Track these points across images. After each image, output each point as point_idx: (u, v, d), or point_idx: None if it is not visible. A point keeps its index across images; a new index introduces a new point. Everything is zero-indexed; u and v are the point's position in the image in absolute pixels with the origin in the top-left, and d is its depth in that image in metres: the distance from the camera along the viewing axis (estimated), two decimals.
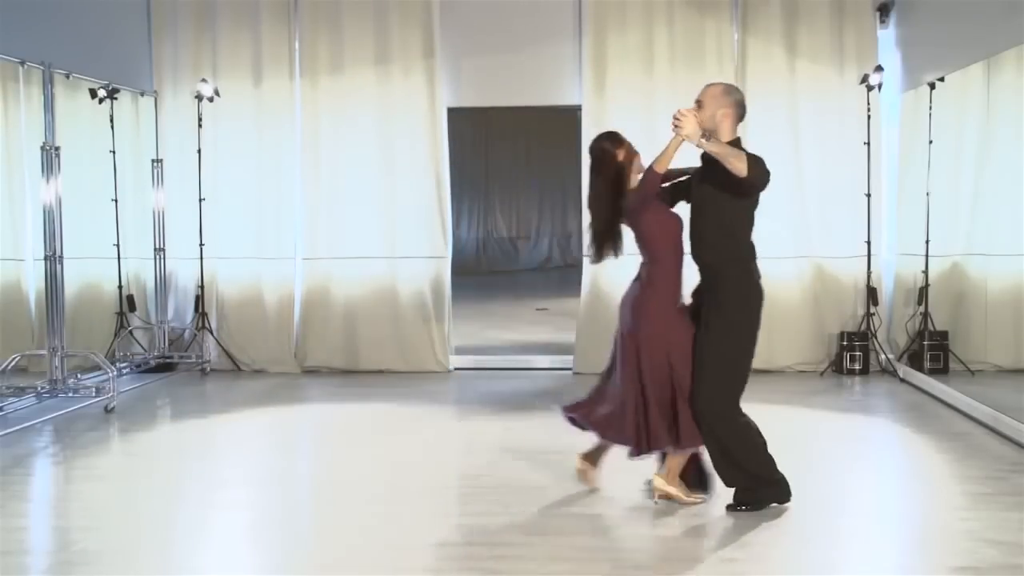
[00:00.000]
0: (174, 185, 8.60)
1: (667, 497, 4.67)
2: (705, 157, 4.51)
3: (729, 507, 4.61)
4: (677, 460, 4.69)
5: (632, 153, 4.69)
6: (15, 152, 7.42)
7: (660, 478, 4.71)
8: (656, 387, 4.55)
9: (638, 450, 4.61)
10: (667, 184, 4.69)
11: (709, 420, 4.51)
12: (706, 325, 4.53)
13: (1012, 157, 7.01)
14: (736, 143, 4.51)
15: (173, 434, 6.58)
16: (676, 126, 4.39)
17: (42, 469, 5.69)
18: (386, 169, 8.43)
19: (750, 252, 4.61)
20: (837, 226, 8.16)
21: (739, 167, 4.32)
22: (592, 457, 4.95)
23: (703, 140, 4.36)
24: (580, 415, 4.86)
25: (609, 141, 4.70)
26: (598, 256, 4.88)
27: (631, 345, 4.62)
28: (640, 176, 4.60)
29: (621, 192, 4.68)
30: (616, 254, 4.85)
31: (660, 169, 4.47)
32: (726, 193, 4.47)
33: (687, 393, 4.53)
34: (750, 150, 4.49)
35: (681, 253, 4.63)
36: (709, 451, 4.61)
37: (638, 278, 4.72)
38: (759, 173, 4.40)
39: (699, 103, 4.55)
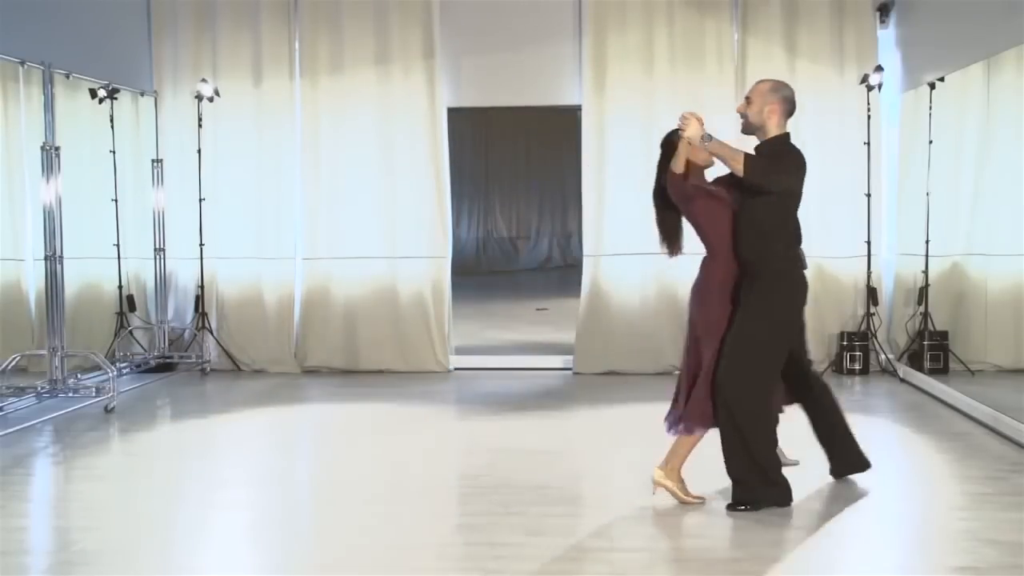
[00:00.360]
0: (174, 185, 8.60)
1: (668, 490, 4.69)
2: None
3: (729, 507, 4.61)
4: (679, 452, 4.72)
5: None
6: (15, 152, 7.42)
7: (659, 471, 4.73)
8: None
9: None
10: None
11: (728, 400, 4.54)
12: (739, 311, 4.60)
13: (1012, 157, 7.01)
14: (783, 139, 4.61)
15: (173, 434, 6.58)
16: (681, 128, 4.52)
17: (42, 469, 5.69)
18: (386, 169, 8.43)
19: (783, 252, 4.64)
20: (837, 226, 8.15)
21: (737, 168, 4.42)
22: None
23: (705, 141, 4.47)
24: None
25: (676, 134, 4.73)
26: (667, 250, 4.93)
27: (690, 332, 4.79)
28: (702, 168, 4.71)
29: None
30: (678, 248, 4.90)
31: (677, 170, 4.62)
32: (748, 193, 4.55)
33: (708, 376, 4.60)
34: (750, 150, 4.53)
35: (731, 245, 4.68)
36: (722, 435, 4.61)
37: (700, 268, 4.80)
38: (758, 174, 4.45)
39: (748, 99, 4.67)
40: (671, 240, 4.88)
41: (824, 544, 4.26)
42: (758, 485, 4.61)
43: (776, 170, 4.52)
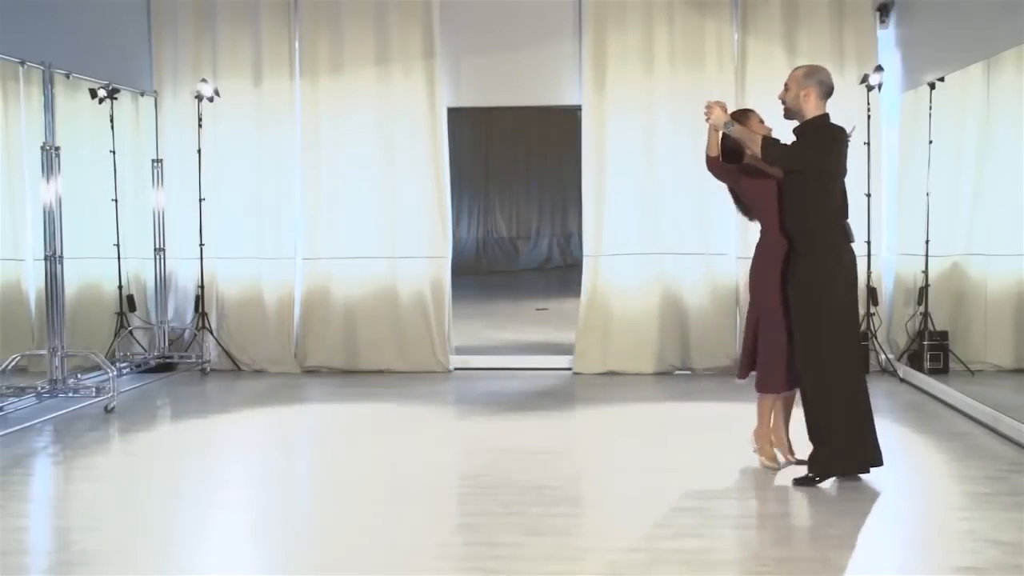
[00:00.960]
0: (174, 185, 8.60)
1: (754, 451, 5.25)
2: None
3: (797, 481, 4.90)
4: (760, 415, 5.23)
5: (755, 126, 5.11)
6: (15, 152, 7.42)
7: (753, 432, 5.29)
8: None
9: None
10: None
11: (801, 371, 4.94)
12: (789, 287, 4.96)
13: (1012, 157, 7.01)
14: (819, 120, 4.88)
15: (173, 434, 6.58)
16: (706, 115, 5.01)
17: (42, 469, 5.69)
18: (386, 169, 8.43)
19: (822, 227, 4.92)
20: None
21: (756, 151, 4.83)
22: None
23: (728, 128, 4.95)
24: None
25: (736, 114, 5.15)
26: (744, 215, 5.40)
27: (751, 308, 5.25)
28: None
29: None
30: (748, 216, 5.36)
31: (712, 153, 5.11)
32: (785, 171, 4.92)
33: (767, 344, 5.07)
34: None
35: (779, 222, 5.03)
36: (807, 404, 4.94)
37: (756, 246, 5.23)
38: (776, 157, 4.83)
39: (786, 86, 4.95)
40: (744, 210, 5.34)
41: (824, 544, 4.26)
42: (832, 459, 4.87)
43: (799, 150, 4.81)
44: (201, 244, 8.42)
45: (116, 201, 8.07)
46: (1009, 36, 6.31)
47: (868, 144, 7.97)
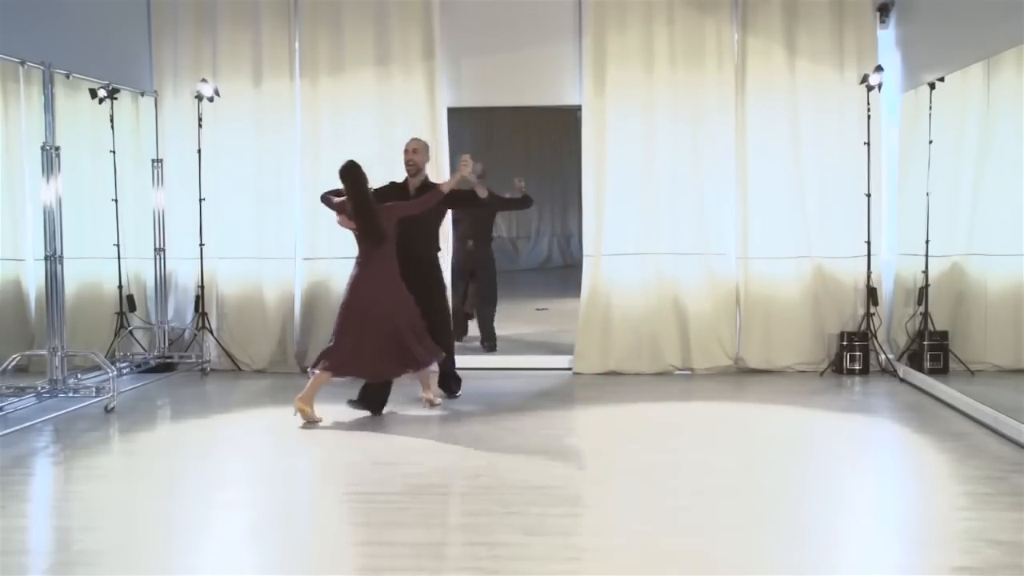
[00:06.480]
0: (174, 185, 8.60)
1: None
2: None
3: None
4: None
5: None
6: (15, 152, 7.43)
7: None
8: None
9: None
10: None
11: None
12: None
13: (1012, 157, 7.01)
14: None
15: (173, 434, 6.58)
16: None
17: (42, 469, 5.69)
18: (386, 169, 8.39)
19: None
20: (837, 226, 8.16)
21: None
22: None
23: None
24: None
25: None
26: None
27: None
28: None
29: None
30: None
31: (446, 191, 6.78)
32: None
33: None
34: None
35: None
36: None
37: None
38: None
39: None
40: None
41: (824, 544, 4.26)
42: None
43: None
44: (201, 244, 8.42)
45: (116, 201, 8.07)
46: (1009, 36, 6.31)
47: (868, 144, 7.98)
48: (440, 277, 7.22)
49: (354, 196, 6.51)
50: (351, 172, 6.53)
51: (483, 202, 7.17)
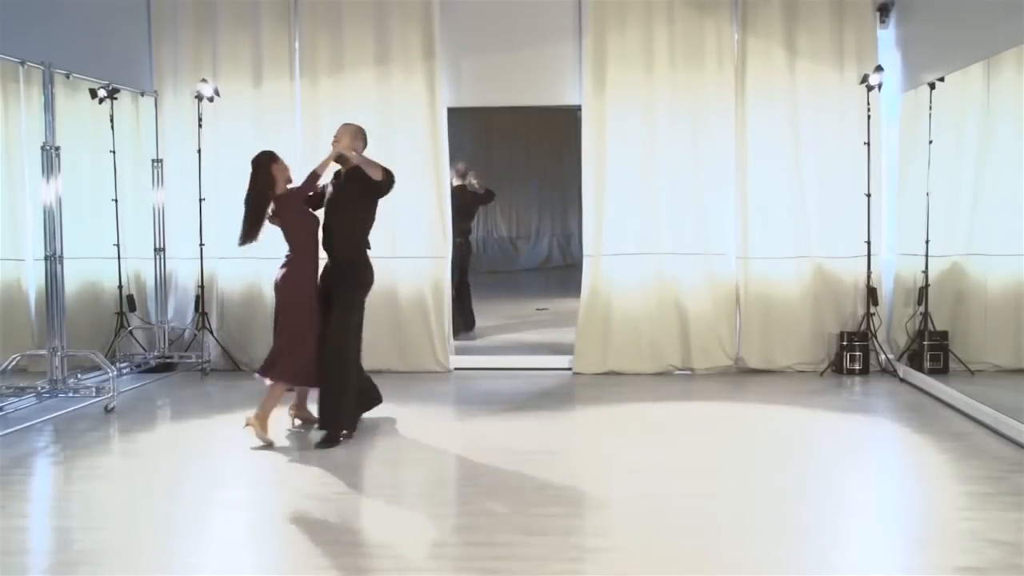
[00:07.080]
0: (174, 185, 8.60)
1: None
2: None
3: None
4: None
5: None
6: (15, 152, 7.43)
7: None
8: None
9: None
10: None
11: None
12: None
13: (1012, 157, 7.01)
14: None
15: (173, 434, 6.58)
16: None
17: (42, 469, 5.69)
18: None
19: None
20: (837, 226, 8.16)
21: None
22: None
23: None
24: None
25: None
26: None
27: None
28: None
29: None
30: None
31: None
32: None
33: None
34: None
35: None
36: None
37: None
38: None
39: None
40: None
41: (824, 544, 4.26)
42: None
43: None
44: (201, 244, 8.42)
45: (116, 201, 8.07)
46: (1009, 36, 6.31)
47: (868, 144, 7.98)
48: (357, 282, 6.43)
49: (249, 187, 6.23)
50: (254, 163, 6.22)
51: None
